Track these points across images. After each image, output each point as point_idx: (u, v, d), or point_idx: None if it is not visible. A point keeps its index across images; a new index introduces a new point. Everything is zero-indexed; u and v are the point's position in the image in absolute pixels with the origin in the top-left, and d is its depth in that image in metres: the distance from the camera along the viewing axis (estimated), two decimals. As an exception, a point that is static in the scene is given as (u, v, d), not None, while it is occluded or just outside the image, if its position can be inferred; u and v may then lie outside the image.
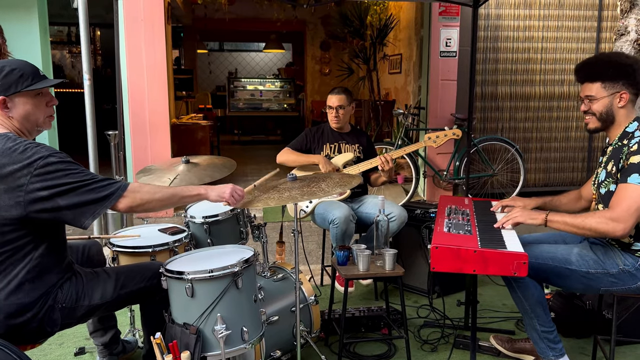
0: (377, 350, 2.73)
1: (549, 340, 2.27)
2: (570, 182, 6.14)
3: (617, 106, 2.17)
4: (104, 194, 1.77)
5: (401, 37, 7.38)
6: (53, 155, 1.74)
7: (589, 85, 2.21)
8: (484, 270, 1.97)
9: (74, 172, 1.75)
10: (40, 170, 1.70)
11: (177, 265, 1.96)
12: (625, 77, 2.15)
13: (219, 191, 2.03)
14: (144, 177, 2.72)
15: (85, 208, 1.74)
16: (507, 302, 3.29)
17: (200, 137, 6.24)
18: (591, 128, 2.25)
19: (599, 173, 2.25)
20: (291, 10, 9.07)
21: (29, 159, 1.71)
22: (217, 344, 1.85)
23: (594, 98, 2.20)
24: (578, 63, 2.32)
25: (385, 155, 3.16)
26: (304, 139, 3.48)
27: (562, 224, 2.12)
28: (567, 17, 5.85)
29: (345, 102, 3.41)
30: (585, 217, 2.09)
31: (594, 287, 2.18)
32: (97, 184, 1.77)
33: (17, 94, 1.81)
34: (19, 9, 5.30)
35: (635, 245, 2.13)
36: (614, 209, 2.04)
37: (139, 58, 4.94)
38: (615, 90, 2.16)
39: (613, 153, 2.19)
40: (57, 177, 1.71)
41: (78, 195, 1.73)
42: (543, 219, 2.15)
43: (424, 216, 3.34)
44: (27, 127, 1.87)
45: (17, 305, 1.76)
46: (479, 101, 5.85)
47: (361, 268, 2.48)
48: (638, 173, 2.02)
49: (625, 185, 2.04)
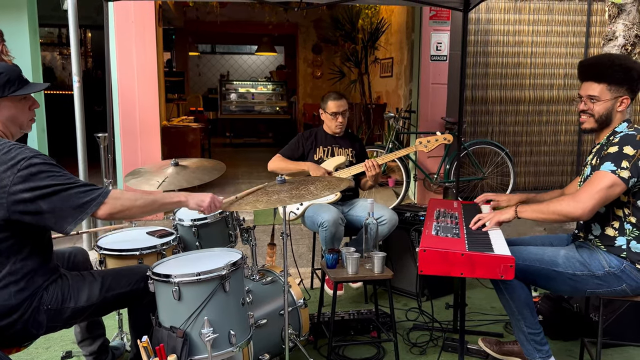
0: (366, 353, 2.73)
1: (536, 342, 2.28)
2: (559, 186, 6.17)
3: (617, 110, 2.17)
4: (86, 199, 1.75)
5: (392, 41, 7.41)
6: (37, 157, 1.74)
7: (593, 84, 2.19)
8: (472, 273, 1.98)
9: (57, 174, 1.74)
10: (23, 172, 1.70)
11: (164, 268, 1.96)
12: (630, 83, 2.15)
13: (197, 200, 2.03)
14: (133, 180, 2.71)
15: (67, 213, 1.73)
16: (495, 305, 3.30)
17: (191, 140, 6.22)
18: (586, 128, 2.25)
19: (585, 171, 2.29)
20: (283, 14, 9.08)
21: (13, 160, 1.71)
22: (204, 348, 1.84)
23: (597, 99, 2.18)
24: (583, 59, 2.28)
25: (371, 160, 3.17)
26: (297, 145, 3.46)
27: (530, 211, 2.20)
28: (557, 22, 5.91)
29: (346, 107, 3.43)
30: (551, 202, 2.18)
31: (580, 289, 2.20)
32: (80, 189, 1.76)
33: (3, 98, 1.82)
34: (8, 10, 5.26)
35: (618, 239, 2.16)
36: (578, 192, 2.12)
37: (129, 60, 4.93)
38: (619, 94, 2.16)
39: (598, 150, 2.23)
40: (40, 179, 1.71)
41: (61, 200, 1.72)
42: (512, 213, 2.22)
43: (414, 219, 3.35)
44: (11, 129, 1.88)
45: (2, 307, 1.76)
46: (469, 105, 5.88)
47: (350, 271, 2.49)
48: (611, 161, 2.07)
49: (597, 172, 2.10)
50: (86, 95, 4.29)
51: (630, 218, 2.15)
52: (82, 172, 4.23)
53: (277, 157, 3.44)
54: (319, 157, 3.40)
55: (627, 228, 2.16)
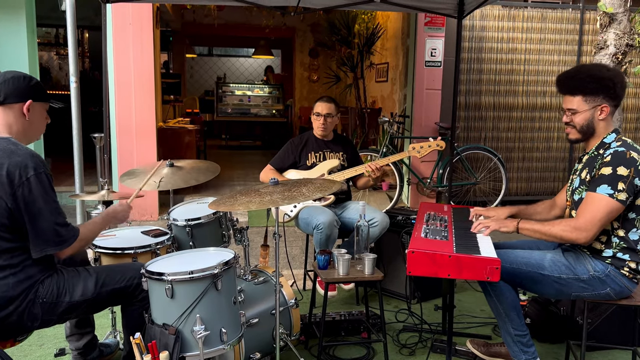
0: (356, 354, 2.77)
1: (522, 343, 2.33)
2: (551, 192, 6.25)
3: (598, 119, 2.22)
4: (61, 239, 1.89)
5: (388, 46, 7.48)
6: (47, 175, 1.87)
7: (570, 98, 2.26)
8: (459, 275, 2.02)
9: (50, 201, 1.87)
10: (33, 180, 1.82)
11: (158, 267, 1.99)
12: (605, 91, 2.19)
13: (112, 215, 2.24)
14: (128, 180, 2.75)
15: (41, 241, 1.86)
16: (485, 308, 3.35)
17: (187, 141, 6.25)
18: (572, 139, 2.32)
19: (574, 180, 2.33)
20: (280, 18, 9.15)
21: (26, 167, 1.83)
22: (196, 345, 1.88)
23: (575, 111, 2.25)
24: (559, 74, 2.35)
25: (374, 163, 3.20)
26: (287, 153, 3.47)
27: (531, 231, 2.23)
28: (550, 30, 5.99)
29: (333, 111, 3.45)
30: (553, 225, 2.19)
31: (566, 292, 2.24)
32: (62, 227, 1.90)
33: (40, 102, 1.98)
34: (6, 10, 5.29)
35: (605, 252, 2.21)
36: (579, 218, 2.14)
37: (126, 61, 4.96)
38: (596, 103, 2.21)
39: (588, 161, 2.26)
40: (38, 196, 1.83)
41: (44, 222, 1.85)
42: (514, 226, 2.25)
43: (405, 222, 3.40)
44: (29, 135, 2.01)
45: (1, 298, 1.82)
46: (463, 111, 5.95)
47: (341, 272, 2.53)
48: (607, 184, 2.10)
49: (593, 194, 2.13)
50: (83, 96, 4.32)
51: (619, 231, 2.18)
52: (77, 173, 4.26)
53: (268, 168, 3.48)
54: (311, 162, 3.44)
55: (614, 241, 2.19)
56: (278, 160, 3.49)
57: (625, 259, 2.19)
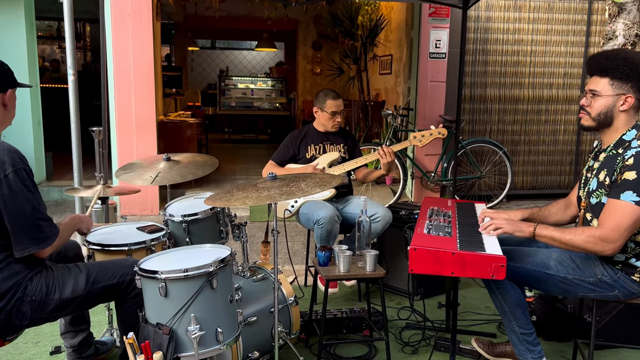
0: (358, 352, 2.71)
1: (528, 342, 2.26)
2: (557, 185, 6.16)
3: (619, 109, 2.05)
4: (43, 235, 1.84)
5: (392, 38, 7.37)
6: (26, 170, 1.81)
7: (597, 79, 2.08)
8: (463, 273, 1.95)
9: (31, 197, 1.81)
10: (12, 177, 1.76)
11: (152, 264, 1.93)
12: (636, 80, 2.02)
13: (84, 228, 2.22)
14: (125, 175, 2.69)
15: (23, 239, 1.80)
16: (489, 305, 3.28)
17: (188, 135, 6.19)
18: (584, 125, 2.15)
19: (590, 181, 2.16)
20: (283, 9, 9.05)
21: (4, 164, 1.76)
22: (191, 345, 1.82)
23: (598, 94, 2.07)
24: (595, 53, 2.17)
25: (386, 147, 3.11)
26: (287, 147, 3.41)
27: (550, 239, 2.06)
28: (557, 21, 5.87)
29: (343, 106, 3.41)
30: (574, 234, 2.01)
31: (572, 291, 2.17)
32: (44, 221, 1.84)
33: (13, 89, 1.89)
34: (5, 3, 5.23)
35: (617, 256, 2.09)
36: (604, 227, 1.97)
37: (125, 54, 4.89)
38: (621, 91, 2.04)
39: (607, 161, 2.10)
40: (18, 193, 1.77)
41: (25, 219, 1.79)
42: (531, 232, 2.08)
43: (409, 217, 3.33)
44: (5, 124, 1.92)
45: None
46: (468, 103, 5.85)
47: (342, 269, 2.46)
48: (632, 190, 1.94)
49: (616, 201, 1.97)
50: (85, 90, 4.26)
51: (637, 237, 2.04)
52: (75, 167, 4.20)
53: (270, 164, 3.42)
54: (311, 155, 3.37)
55: (630, 246, 2.06)
56: (279, 155, 3.42)
57: (637, 265, 2.07)
